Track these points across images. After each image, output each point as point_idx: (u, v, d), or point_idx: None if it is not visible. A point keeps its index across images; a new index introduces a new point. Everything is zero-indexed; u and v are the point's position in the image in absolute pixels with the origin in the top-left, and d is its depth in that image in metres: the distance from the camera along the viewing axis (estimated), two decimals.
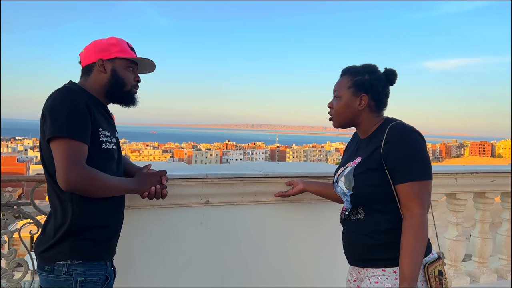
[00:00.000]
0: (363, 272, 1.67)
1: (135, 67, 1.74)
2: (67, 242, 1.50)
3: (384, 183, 1.58)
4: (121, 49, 1.67)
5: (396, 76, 1.71)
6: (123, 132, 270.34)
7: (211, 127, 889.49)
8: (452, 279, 2.85)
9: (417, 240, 1.50)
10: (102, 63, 1.65)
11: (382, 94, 1.69)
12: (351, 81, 1.69)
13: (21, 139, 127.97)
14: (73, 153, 1.42)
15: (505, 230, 3.04)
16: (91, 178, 1.45)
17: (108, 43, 1.67)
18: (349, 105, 1.69)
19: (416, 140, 1.57)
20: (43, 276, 1.52)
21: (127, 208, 1.87)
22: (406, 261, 1.49)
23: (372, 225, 1.63)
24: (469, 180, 2.78)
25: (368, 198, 1.62)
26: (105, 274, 1.59)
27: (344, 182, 1.68)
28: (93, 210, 1.54)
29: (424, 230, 1.52)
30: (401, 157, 1.54)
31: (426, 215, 1.54)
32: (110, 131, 1.64)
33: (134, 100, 1.75)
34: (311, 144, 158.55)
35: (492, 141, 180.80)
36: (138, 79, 1.75)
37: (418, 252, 1.49)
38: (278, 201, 2.27)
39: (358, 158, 1.68)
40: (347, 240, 1.77)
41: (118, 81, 1.66)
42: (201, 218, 2.16)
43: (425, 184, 1.55)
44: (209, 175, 2.10)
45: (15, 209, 2.13)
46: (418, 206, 1.52)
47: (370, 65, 1.72)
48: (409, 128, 1.60)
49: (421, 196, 1.53)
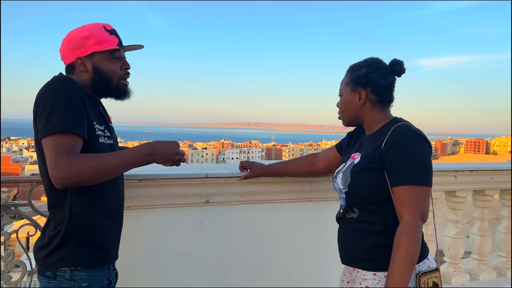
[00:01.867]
0: (355, 273, 1.63)
1: (120, 53, 1.57)
2: (69, 248, 1.42)
3: (380, 183, 1.51)
4: (97, 40, 1.50)
5: (402, 66, 1.63)
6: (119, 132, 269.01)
7: (207, 126, 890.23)
8: (451, 277, 2.85)
9: (406, 247, 1.40)
10: (81, 62, 1.51)
11: (382, 87, 1.61)
12: (349, 77, 1.67)
13: (16, 139, 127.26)
14: (61, 146, 1.31)
15: (504, 228, 3.05)
16: (78, 163, 1.31)
17: (82, 37, 1.50)
18: (350, 101, 1.66)
19: (419, 144, 1.49)
20: (44, 282, 1.44)
21: (127, 208, 1.85)
22: (391, 267, 1.42)
23: (366, 225, 1.58)
24: (468, 177, 2.78)
25: (363, 197, 1.57)
26: (109, 278, 1.54)
27: (341, 179, 1.63)
28: (93, 212, 1.46)
29: (413, 239, 1.41)
30: (399, 159, 1.47)
31: (417, 223, 1.43)
32: (104, 124, 1.54)
33: (126, 93, 1.60)
34: (307, 142, 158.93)
35: (487, 138, 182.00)
36: (127, 66, 1.58)
37: (405, 260, 1.40)
38: (278, 200, 2.26)
39: (357, 154, 1.63)
40: (340, 238, 1.73)
41: (102, 78, 1.52)
42: (201, 218, 2.14)
43: (421, 190, 1.45)
44: (209, 174, 2.09)
45: (12, 210, 2.11)
46: (409, 212, 1.43)
47: (371, 58, 1.67)
48: (414, 130, 1.52)
49: (414, 203, 1.43)
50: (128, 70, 1.60)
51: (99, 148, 1.47)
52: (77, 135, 1.36)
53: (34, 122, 1.41)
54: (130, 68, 1.60)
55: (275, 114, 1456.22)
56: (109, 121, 1.64)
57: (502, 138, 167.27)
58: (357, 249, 1.61)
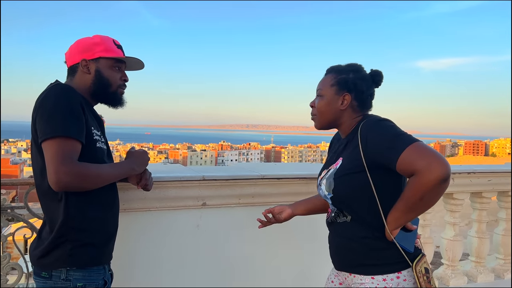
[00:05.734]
0: (350, 278, 1.59)
1: (122, 66, 1.67)
2: (65, 249, 1.45)
3: (364, 185, 1.49)
4: (106, 48, 1.60)
5: (382, 78, 1.64)
6: (118, 134, 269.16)
7: (205, 127, 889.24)
8: (449, 279, 2.85)
9: (421, 196, 1.35)
10: (85, 64, 1.58)
11: (366, 95, 1.62)
12: (335, 79, 1.63)
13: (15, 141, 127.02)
14: (64, 151, 1.36)
15: (502, 230, 3.04)
16: (82, 173, 1.38)
17: (92, 42, 1.60)
18: (331, 104, 1.62)
19: (387, 124, 1.48)
20: (40, 283, 1.47)
21: (124, 211, 1.85)
22: (394, 208, 1.44)
23: (359, 230, 1.55)
24: (466, 180, 2.78)
25: (348, 200, 1.55)
26: (104, 279, 1.56)
27: (325, 185, 1.61)
28: (88, 212, 1.49)
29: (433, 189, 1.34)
30: (380, 141, 1.44)
31: (436, 169, 1.31)
32: (100, 130, 1.60)
33: (121, 101, 1.68)
34: (306, 144, 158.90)
35: (486, 140, 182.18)
36: (125, 79, 1.68)
37: (411, 207, 1.40)
38: (275, 203, 2.25)
39: (339, 160, 1.60)
40: (333, 244, 1.69)
41: (102, 82, 1.60)
42: (198, 220, 2.14)
43: (419, 144, 1.38)
44: (206, 177, 2.08)
45: (9, 212, 2.10)
46: (423, 161, 1.33)
47: (355, 64, 1.66)
48: (378, 118, 1.53)
49: (421, 153, 1.35)
50: (126, 82, 1.69)
51: (97, 153, 1.53)
52: (77, 140, 1.41)
53: (33, 127, 1.44)
54: (128, 81, 1.70)
55: (274, 116, 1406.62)
56: (103, 125, 1.69)
57: (501, 140, 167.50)
58: (352, 254, 1.57)
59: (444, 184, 1.34)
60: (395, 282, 1.50)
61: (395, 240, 1.49)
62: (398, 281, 1.50)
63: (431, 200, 1.39)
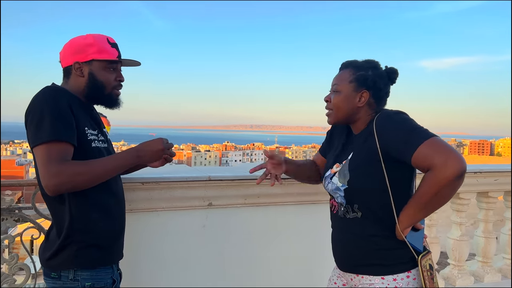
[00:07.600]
0: (358, 279, 1.56)
1: (117, 66, 1.63)
2: (71, 250, 1.47)
3: (379, 177, 1.48)
4: (99, 49, 1.55)
5: (397, 75, 1.62)
6: (122, 135, 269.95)
7: (210, 128, 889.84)
8: (456, 279, 2.84)
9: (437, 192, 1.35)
10: (78, 66, 1.55)
11: (383, 92, 1.61)
12: (353, 75, 1.59)
13: (20, 142, 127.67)
14: (50, 155, 1.34)
15: (508, 229, 3.02)
16: (68, 172, 1.35)
17: (85, 44, 1.55)
18: (349, 100, 1.59)
19: (403, 117, 1.47)
20: (50, 283, 1.50)
21: (130, 211, 1.85)
22: (408, 206, 1.44)
23: (369, 227, 1.53)
24: (472, 179, 2.77)
25: (362, 192, 1.52)
26: (112, 278, 1.57)
27: (338, 178, 1.58)
28: (93, 213, 1.50)
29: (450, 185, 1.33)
30: (396, 135, 1.43)
31: (452, 166, 1.31)
32: (97, 129, 1.58)
33: (117, 102, 1.65)
34: (310, 144, 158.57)
35: (491, 140, 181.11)
36: (121, 79, 1.64)
37: (426, 202, 1.39)
38: (281, 203, 2.26)
39: (351, 154, 1.59)
40: (339, 241, 1.64)
41: (96, 85, 1.57)
42: (204, 220, 2.14)
43: (436, 140, 1.36)
44: (211, 177, 2.09)
45: (16, 213, 2.12)
46: (440, 157, 1.32)
47: (373, 60, 1.64)
48: (393, 111, 1.52)
49: (438, 149, 1.34)
50: (122, 82, 1.65)
51: (94, 153, 1.50)
52: (66, 142, 1.39)
53: (26, 132, 1.45)
54: (123, 81, 1.65)
55: (278, 116, 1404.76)
56: (103, 125, 1.68)
57: (507, 139, 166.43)
58: (359, 253, 1.55)
59: (459, 180, 1.34)
60: (405, 281, 1.48)
61: (405, 239, 1.48)
62: (408, 280, 1.49)
63: (446, 196, 1.39)
